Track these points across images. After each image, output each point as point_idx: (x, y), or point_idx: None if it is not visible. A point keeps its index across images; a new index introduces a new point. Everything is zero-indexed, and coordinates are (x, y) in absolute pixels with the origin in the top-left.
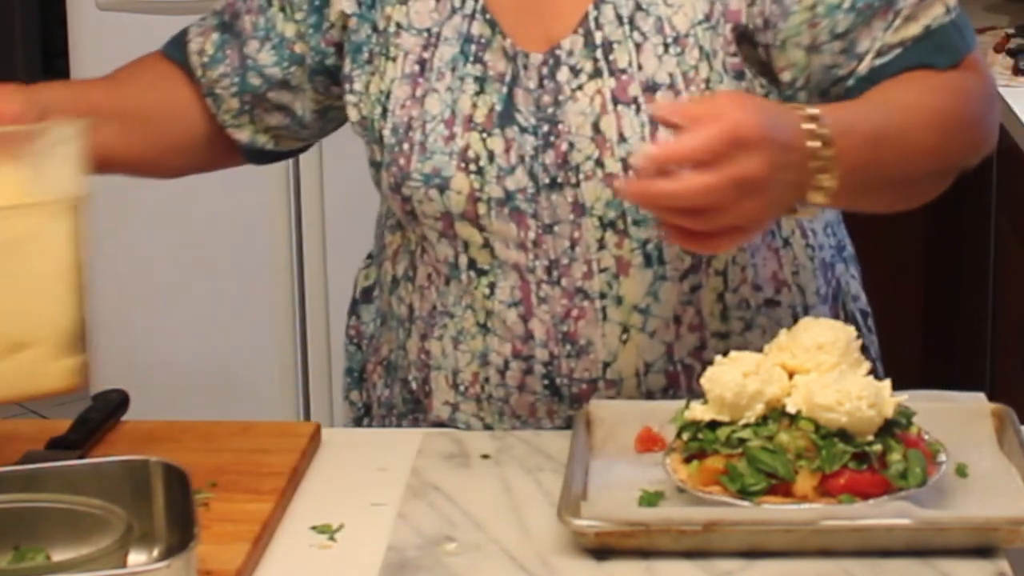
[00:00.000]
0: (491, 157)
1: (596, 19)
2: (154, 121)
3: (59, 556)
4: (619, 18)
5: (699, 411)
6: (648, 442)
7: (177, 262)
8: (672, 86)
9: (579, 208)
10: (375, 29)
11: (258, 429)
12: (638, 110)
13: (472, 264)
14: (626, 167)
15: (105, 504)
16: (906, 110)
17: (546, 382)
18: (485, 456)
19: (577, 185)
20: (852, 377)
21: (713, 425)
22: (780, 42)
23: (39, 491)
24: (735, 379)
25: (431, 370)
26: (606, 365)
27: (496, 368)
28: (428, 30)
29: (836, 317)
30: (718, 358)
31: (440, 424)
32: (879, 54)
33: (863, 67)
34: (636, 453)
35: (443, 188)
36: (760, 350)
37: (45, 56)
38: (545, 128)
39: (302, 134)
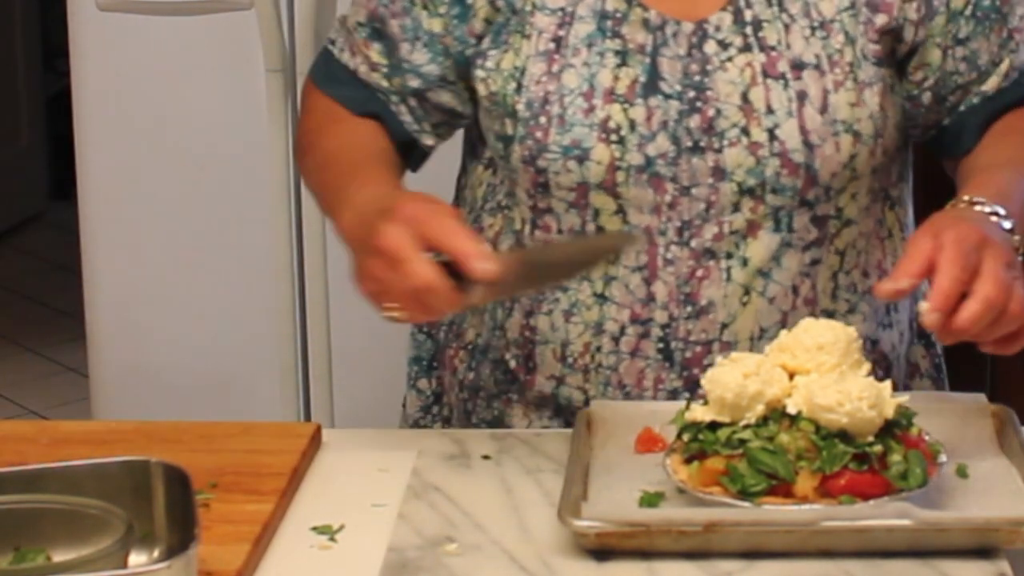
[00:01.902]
0: (632, 126)
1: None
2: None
3: (59, 557)
4: (768, 0)
5: (699, 412)
6: (649, 443)
7: (177, 262)
8: (818, 66)
9: (719, 173)
10: (513, 11)
11: (258, 430)
12: (786, 85)
13: (600, 231)
14: (772, 137)
15: (105, 505)
16: None
17: (660, 345)
18: (486, 457)
19: (720, 151)
20: (853, 378)
21: (713, 426)
22: (924, 39)
23: (39, 491)
24: (735, 380)
25: (536, 346)
26: (724, 326)
27: (610, 336)
28: (562, 9)
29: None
30: (719, 359)
31: (542, 398)
32: (1005, 76)
33: (989, 87)
34: (636, 454)
35: (582, 159)
36: (860, 334)
37: (45, 56)
38: (691, 94)
39: (462, 123)
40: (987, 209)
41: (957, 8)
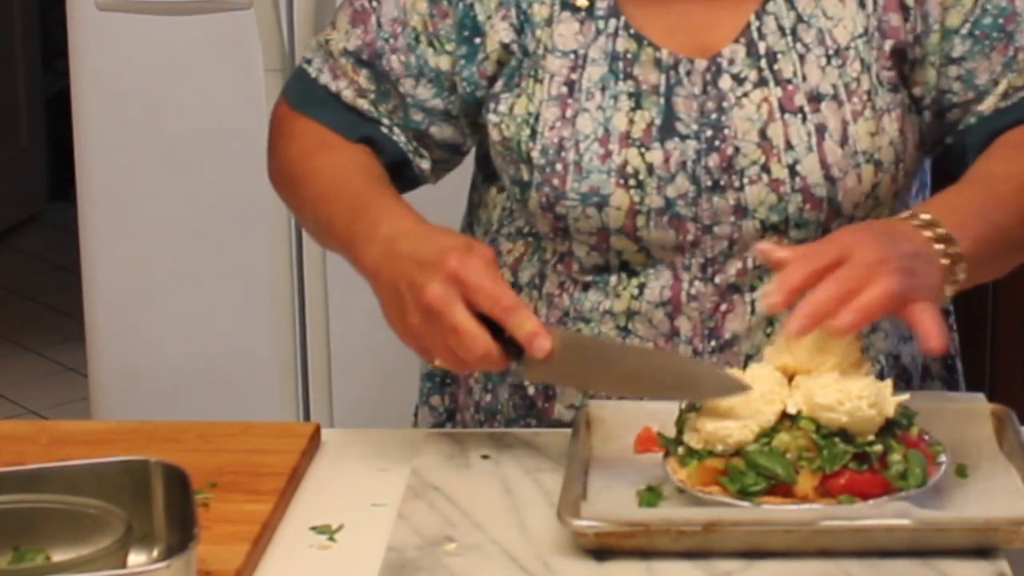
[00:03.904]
0: (650, 170)
1: (759, 29)
2: None
3: (59, 556)
4: (781, 29)
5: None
6: (648, 442)
7: (177, 262)
8: (835, 97)
9: (741, 211)
10: (526, 53)
11: (258, 429)
12: (804, 119)
13: (624, 267)
14: (792, 173)
15: (105, 504)
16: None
17: None
18: (485, 456)
19: (741, 189)
20: (853, 377)
21: None
22: (921, 58)
23: (39, 491)
24: (734, 438)
25: None
26: (748, 358)
27: None
28: (575, 52)
29: None
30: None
31: (562, 425)
32: (1004, 96)
33: (986, 107)
34: (636, 453)
35: (602, 206)
36: (882, 352)
37: (45, 56)
38: (708, 133)
39: (460, 159)
40: (915, 222)
41: (952, 27)
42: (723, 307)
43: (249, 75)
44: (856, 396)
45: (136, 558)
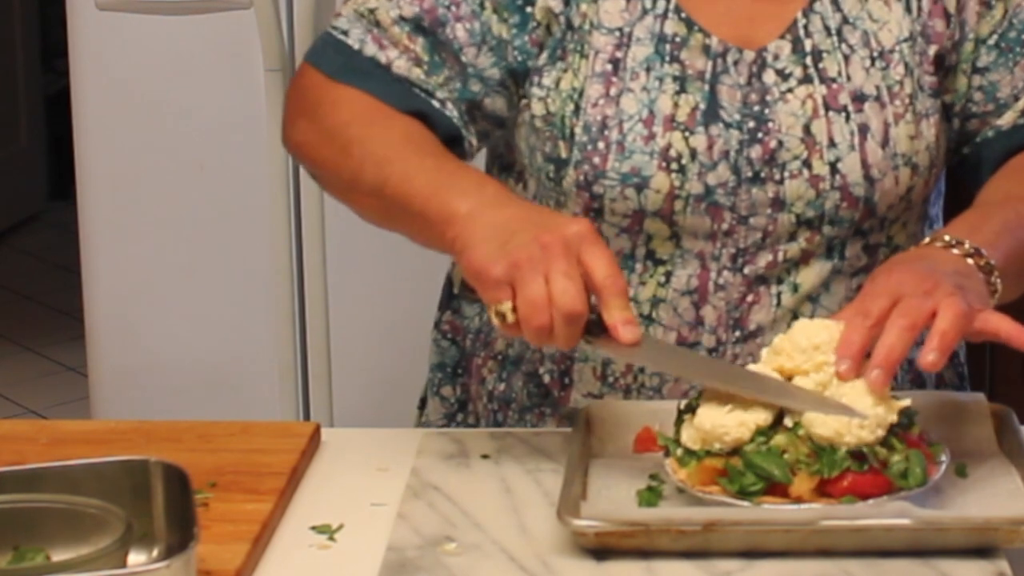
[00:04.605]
0: (693, 155)
1: (805, 27)
2: None
3: (59, 556)
4: (827, 29)
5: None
6: (647, 442)
7: (177, 262)
8: (878, 98)
9: (778, 204)
10: (571, 26)
11: (257, 429)
12: (848, 118)
13: (650, 254)
14: (833, 171)
15: (104, 504)
16: None
17: None
18: (485, 456)
19: (781, 182)
20: (851, 390)
21: None
22: (955, 65)
23: (39, 491)
24: (731, 437)
25: (574, 362)
26: None
27: None
28: (620, 29)
29: None
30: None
31: (577, 414)
32: (1023, 114)
33: (1005, 122)
34: (635, 453)
35: (641, 187)
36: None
37: (45, 56)
38: (751, 124)
39: (495, 137)
40: (940, 244)
41: (982, 36)
42: (749, 298)
43: (249, 75)
44: (857, 426)
45: (136, 558)
